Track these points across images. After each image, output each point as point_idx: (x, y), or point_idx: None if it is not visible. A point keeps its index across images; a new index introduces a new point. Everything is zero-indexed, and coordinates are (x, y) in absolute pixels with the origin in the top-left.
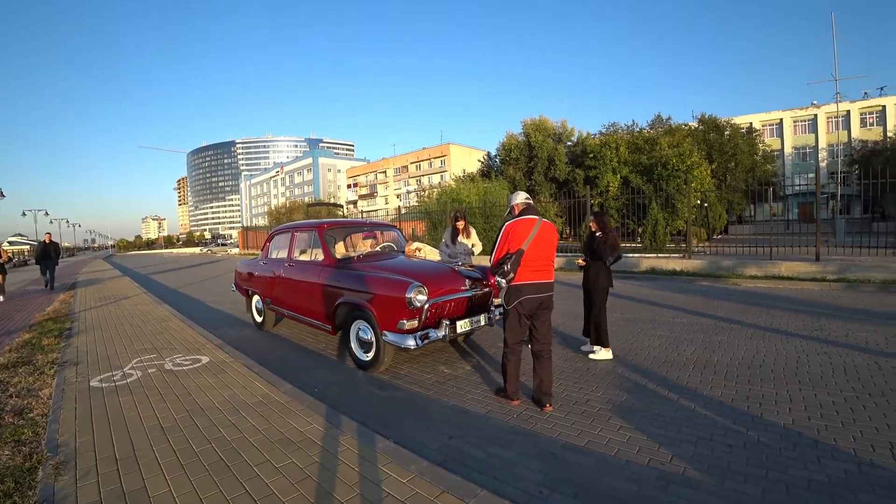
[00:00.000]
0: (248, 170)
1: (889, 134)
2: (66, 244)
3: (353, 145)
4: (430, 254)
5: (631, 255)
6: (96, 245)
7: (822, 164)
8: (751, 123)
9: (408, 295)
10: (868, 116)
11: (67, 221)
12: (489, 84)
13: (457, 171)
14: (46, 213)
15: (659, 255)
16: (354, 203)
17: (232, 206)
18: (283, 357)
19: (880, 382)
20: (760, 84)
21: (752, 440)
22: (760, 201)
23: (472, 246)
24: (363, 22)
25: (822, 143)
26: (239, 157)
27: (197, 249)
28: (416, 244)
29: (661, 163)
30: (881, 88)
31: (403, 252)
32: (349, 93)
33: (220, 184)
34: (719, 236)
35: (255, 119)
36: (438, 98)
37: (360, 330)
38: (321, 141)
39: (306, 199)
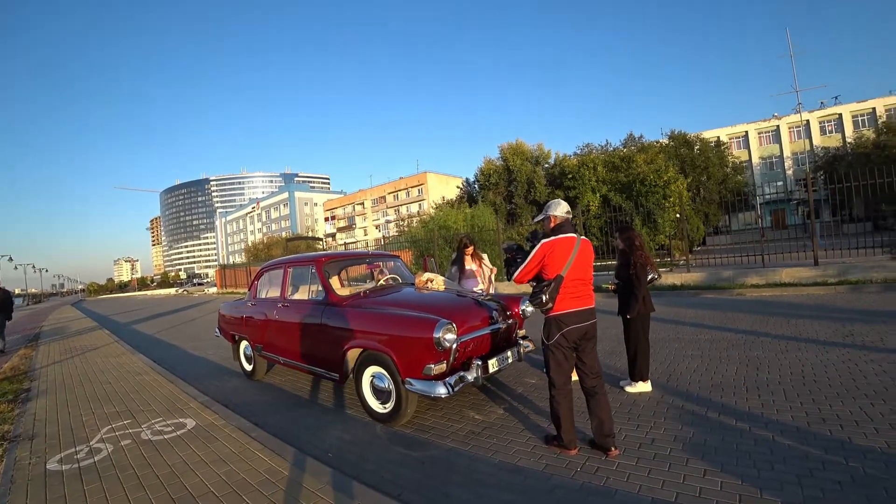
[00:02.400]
0: (222, 207)
1: (848, 140)
2: (33, 290)
3: (328, 178)
4: (441, 286)
5: None
6: (65, 290)
7: (789, 172)
8: (718, 137)
9: (436, 335)
10: (827, 124)
11: (34, 267)
12: (462, 111)
13: (435, 199)
14: (10, 259)
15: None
16: (333, 236)
17: (207, 244)
18: (282, 413)
19: None
20: (724, 99)
21: (859, 473)
22: (734, 211)
23: (492, 272)
24: (333, 54)
25: (787, 153)
26: (213, 194)
27: (172, 290)
28: (428, 275)
29: (639, 180)
30: (836, 98)
31: (411, 284)
32: (322, 125)
33: (195, 222)
34: (699, 248)
35: (228, 155)
36: (413, 127)
37: (375, 377)
38: (296, 175)
39: (284, 234)
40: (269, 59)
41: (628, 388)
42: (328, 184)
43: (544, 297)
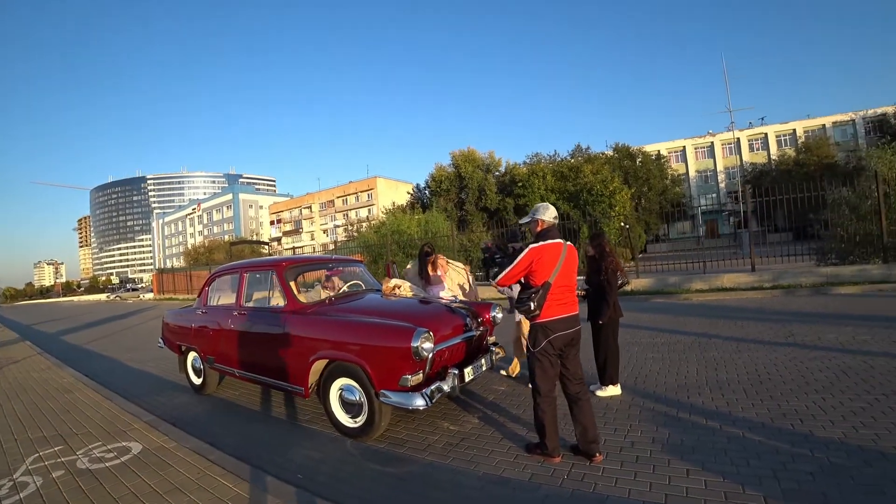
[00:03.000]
0: (160, 207)
1: (773, 157)
2: None
3: (274, 180)
4: (409, 292)
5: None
6: None
7: (722, 185)
8: (658, 151)
9: (413, 344)
10: (755, 143)
11: None
12: (413, 116)
13: (385, 204)
14: None
15: None
16: (278, 240)
17: (142, 247)
18: (240, 431)
19: (884, 382)
20: (664, 116)
21: (826, 463)
22: (673, 221)
23: (465, 276)
24: (282, 51)
25: (720, 167)
26: (150, 193)
27: (103, 296)
28: (395, 281)
29: (586, 189)
30: (762, 118)
31: (377, 291)
32: (270, 125)
33: (129, 223)
34: (640, 255)
35: (167, 153)
36: (363, 130)
37: (344, 390)
38: (241, 176)
39: (227, 238)
40: (213, 54)
41: (599, 393)
42: (274, 186)
43: (532, 304)
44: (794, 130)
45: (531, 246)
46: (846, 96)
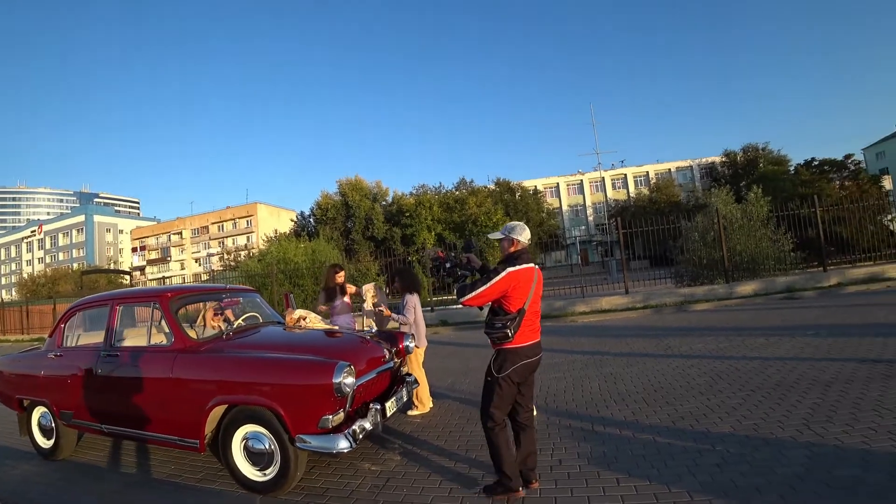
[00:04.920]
0: None
1: (631, 195)
2: None
3: (138, 202)
4: (318, 324)
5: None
6: None
7: (590, 219)
8: (536, 186)
9: (335, 380)
10: (616, 182)
11: None
12: (297, 139)
13: (266, 231)
14: None
15: None
16: (142, 269)
17: None
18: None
19: (748, 381)
20: (540, 154)
21: (727, 454)
22: (549, 251)
23: (372, 305)
24: (150, 57)
25: (589, 202)
26: None
27: None
28: (300, 312)
29: (471, 220)
30: (622, 161)
31: (278, 323)
32: (134, 138)
33: None
34: None
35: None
36: (244, 152)
37: (250, 438)
38: (96, 195)
39: (77, 266)
40: (63, 47)
41: None
42: (138, 208)
43: (510, 332)
44: (648, 172)
45: (509, 270)
46: (685, 145)
